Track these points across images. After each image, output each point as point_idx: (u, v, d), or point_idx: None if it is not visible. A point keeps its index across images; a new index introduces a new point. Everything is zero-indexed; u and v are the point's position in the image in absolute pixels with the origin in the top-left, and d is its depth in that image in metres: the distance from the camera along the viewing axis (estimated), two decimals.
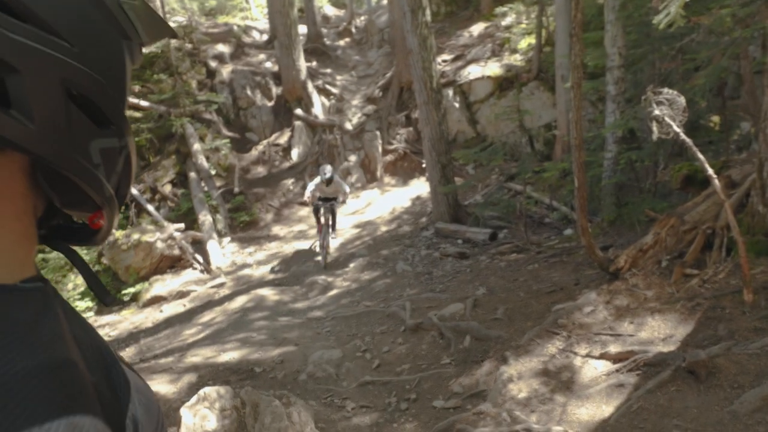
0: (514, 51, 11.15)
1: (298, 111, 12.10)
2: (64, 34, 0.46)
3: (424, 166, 10.29)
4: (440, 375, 4.23)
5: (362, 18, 16.39)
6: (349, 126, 12.05)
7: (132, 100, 10.82)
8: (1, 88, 0.43)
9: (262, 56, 13.51)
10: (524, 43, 11.05)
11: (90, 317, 7.68)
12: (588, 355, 3.84)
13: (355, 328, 5.46)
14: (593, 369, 3.72)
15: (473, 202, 9.05)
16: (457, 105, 11.11)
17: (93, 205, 0.54)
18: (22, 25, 0.43)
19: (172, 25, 12.33)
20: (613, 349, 3.79)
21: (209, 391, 3.30)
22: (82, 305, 7.75)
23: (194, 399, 3.23)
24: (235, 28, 14.21)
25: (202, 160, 10.31)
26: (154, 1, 12.39)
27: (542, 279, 5.53)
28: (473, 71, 11.14)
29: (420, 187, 10.58)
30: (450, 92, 11.08)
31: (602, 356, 3.77)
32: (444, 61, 11.85)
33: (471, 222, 8.25)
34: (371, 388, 4.22)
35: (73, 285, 8.21)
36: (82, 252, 8.03)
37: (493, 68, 10.98)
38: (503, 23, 11.95)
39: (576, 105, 4.58)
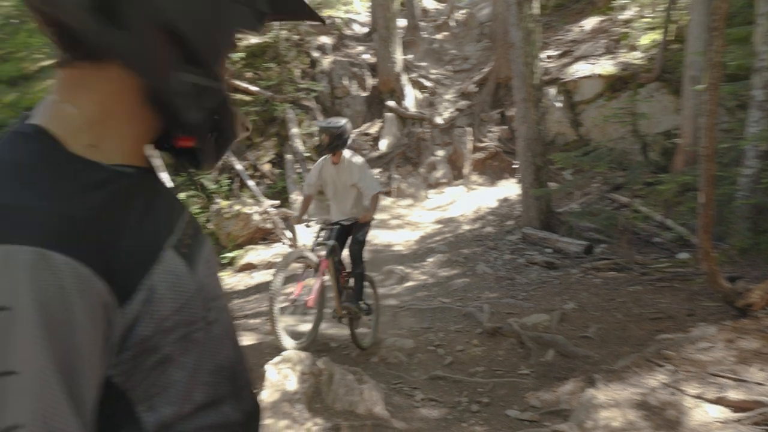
0: (633, 48, 10.21)
1: (390, 102, 11.92)
2: None
3: (515, 166, 9.71)
4: (516, 385, 3.90)
5: (462, 11, 15.92)
6: (439, 120, 11.69)
7: (244, 84, 11.60)
8: (115, 11, 0.57)
9: (360, 48, 13.54)
10: (646, 39, 10.07)
11: None
12: (699, 397, 3.23)
13: (430, 322, 5.28)
14: (705, 413, 3.12)
15: (568, 210, 8.36)
16: (559, 104, 10.38)
17: (186, 129, 0.69)
18: None
19: None
20: (734, 395, 3.16)
21: (292, 354, 3.53)
22: None
23: (278, 358, 3.45)
24: (338, 20, 14.43)
25: (298, 144, 10.73)
26: None
27: (646, 303, 4.90)
28: (581, 69, 10.35)
29: (509, 188, 10.00)
30: (552, 90, 10.37)
31: (719, 401, 3.15)
32: (548, 57, 11.13)
33: (564, 231, 7.60)
34: (442, 384, 4.04)
35: None
36: (194, 212, 8.58)
37: (605, 66, 10.13)
38: (621, 17, 11.00)
39: (711, 109, 3.94)
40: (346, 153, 4.31)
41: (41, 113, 0.62)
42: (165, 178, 3.59)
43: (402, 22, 14.13)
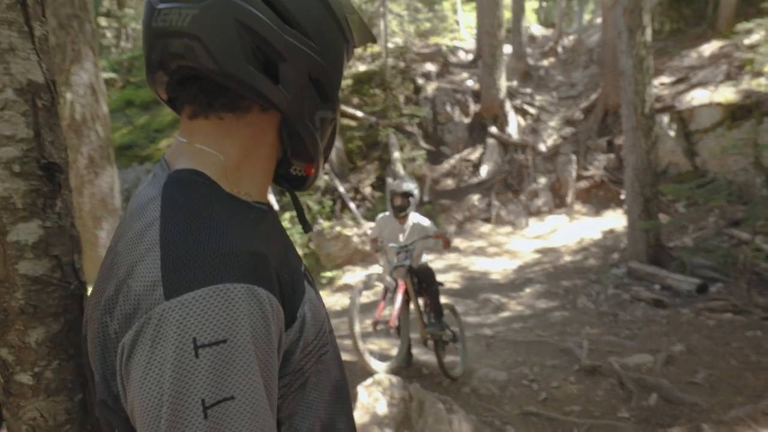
0: (758, 74, 9.52)
1: (493, 129, 11.98)
2: (313, 36, 0.69)
3: (622, 197, 9.36)
4: (614, 428, 3.76)
5: (570, 37, 15.64)
6: (542, 147, 11.54)
7: (350, 110, 12.19)
8: (274, 70, 0.67)
9: (465, 75, 13.76)
10: None
11: None
12: None
13: (524, 355, 5.19)
14: None
15: (680, 245, 7.90)
16: (672, 133, 9.88)
17: (308, 157, 0.76)
18: (291, 29, 0.67)
19: (390, 46, 13.53)
20: None
21: (383, 377, 3.57)
22: None
23: (369, 381, 3.52)
24: (444, 48, 14.79)
25: (399, 168, 11.08)
26: (379, 24, 13.45)
27: (765, 351, 4.56)
28: (698, 96, 9.80)
29: (615, 219, 9.62)
30: (665, 119, 9.90)
31: None
32: (662, 83, 10.66)
33: (674, 267, 7.19)
34: (534, 420, 3.97)
35: None
36: (299, 231, 8.95)
37: (725, 93, 9.52)
38: (746, 42, 10.30)
39: None
40: (413, 215, 4.47)
41: (185, 159, 0.69)
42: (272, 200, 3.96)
43: (508, 49, 14.19)
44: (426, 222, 4.51)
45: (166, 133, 13.42)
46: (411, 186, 4.36)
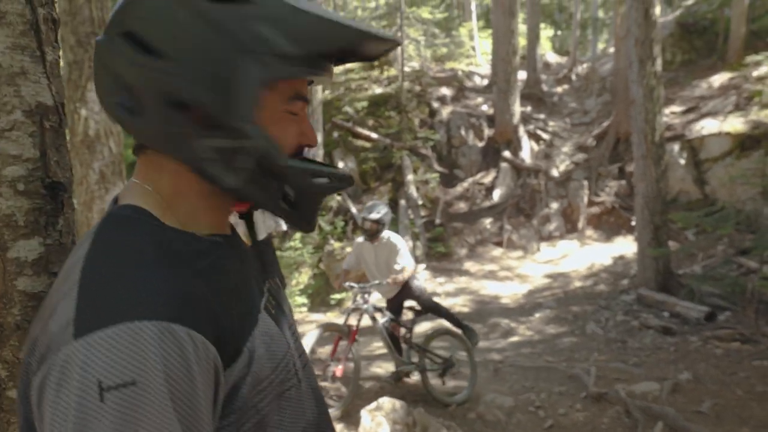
0: (766, 106, 9.67)
1: (506, 153, 12.18)
2: (174, 57, 0.61)
3: (633, 224, 9.47)
4: None
5: (584, 65, 15.87)
6: (555, 172, 11.70)
7: (365, 131, 12.43)
8: (132, 100, 0.63)
9: (479, 99, 14.01)
10: None
11: (302, 312, 8.65)
12: None
13: (532, 381, 5.24)
14: None
15: (689, 273, 7.99)
16: (682, 162, 10.01)
17: (236, 195, 0.69)
18: (143, 56, 0.62)
19: (407, 70, 13.68)
20: None
21: (387, 402, 3.56)
22: (299, 300, 8.79)
23: (373, 405, 3.52)
24: (459, 73, 15.07)
25: (412, 190, 11.19)
26: (396, 49, 13.73)
27: None
28: (708, 126, 9.95)
29: (625, 245, 9.72)
30: (675, 147, 10.04)
31: None
32: (672, 113, 10.82)
33: (683, 295, 7.27)
34: None
35: (296, 282, 9.36)
36: (309, 252, 8.97)
37: (734, 124, 9.67)
38: (755, 74, 10.46)
39: None
40: (386, 233, 4.66)
41: (130, 195, 0.69)
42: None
43: (522, 75, 14.42)
44: (397, 240, 4.66)
45: None
46: (381, 213, 4.54)
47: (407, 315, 5.02)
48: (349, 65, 14.27)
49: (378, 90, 13.70)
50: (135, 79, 0.63)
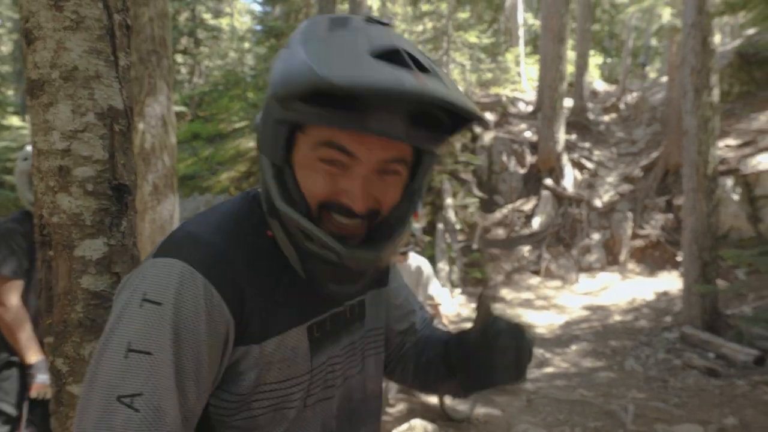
0: None
1: (548, 181, 11.96)
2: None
3: (678, 259, 9.09)
4: None
5: (634, 94, 15.53)
6: (598, 203, 11.40)
7: None
8: None
9: (523, 126, 13.88)
10: None
11: None
12: None
13: (567, 414, 5.07)
14: None
15: (738, 313, 7.56)
16: (735, 197, 9.58)
17: None
18: None
19: None
20: None
21: (419, 423, 3.61)
22: None
23: (405, 426, 3.58)
24: (504, 98, 15.00)
25: (450, 215, 11.14)
26: (443, 69, 13.82)
27: None
28: (764, 161, 9.51)
29: (670, 281, 9.31)
30: (729, 182, 9.63)
31: None
32: (727, 146, 10.40)
33: (731, 336, 6.88)
34: None
35: None
36: None
37: None
38: None
39: None
40: (413, 256, 4.48)
41: None
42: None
43: (568, 102, 14.24)
44: (426, 267, 4.47)
45: (227, 166, 14.03)
46: (415, 225, 4.35)
47: None
48: None
49: None
50: None
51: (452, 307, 9.28)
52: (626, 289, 9.43)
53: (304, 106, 0.64)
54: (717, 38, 7.59)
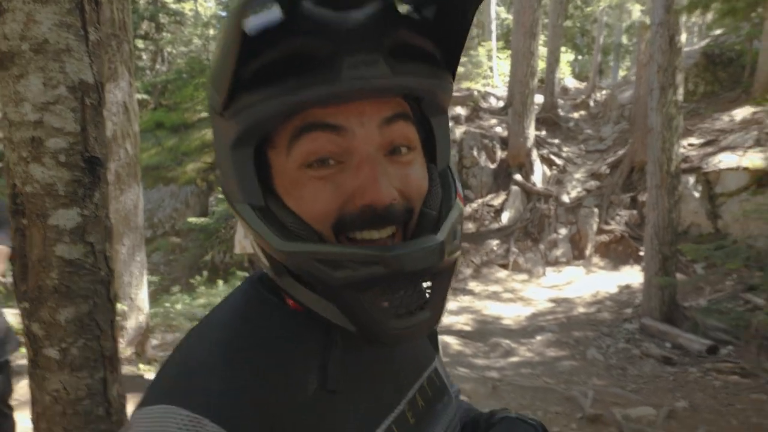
0: None
1: (517, 176, 12.18)
2: None
3: (641, 254, 9.39)
4: None
5: (603, 92, 15.90)
6: (566, 198, 11.67)
7: None
8: None
9: (494, 121, 14.06)
10: None
11: None
12: None
13: (530, 400, 5.25)
14: None
15: (695, 306, 7.89)
16: (696, 194, 9.94)
17: None
18: None
19: None
20: None
21: None
22: None
23: None
24: (476, 93, 15.12)
25: None
26: None
27: (767, 414, 4.57)
28: (726, 160, 9.88)
29: (632, 275, 9.63)
30: (691, 179, 9.98)
31: None
32: (690, 144, 10.77)
33: (687, 327, 7.18)
34: None
35: None
36: None
37: (753, 159, 9.59)
38: None
39: None
40: None
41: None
42: None
43: (539, 99, 14.45)
44: None
45: (193, 157, 13.77)
46: None
47: None
48: None
49: None
50: None
51: None
52: (590, 283, 9.71)
53: (250, 94, 0.47)
54: (683, 37, 7.77)
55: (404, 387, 0.61)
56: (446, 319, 8.59)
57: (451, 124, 12.01)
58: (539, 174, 12.27)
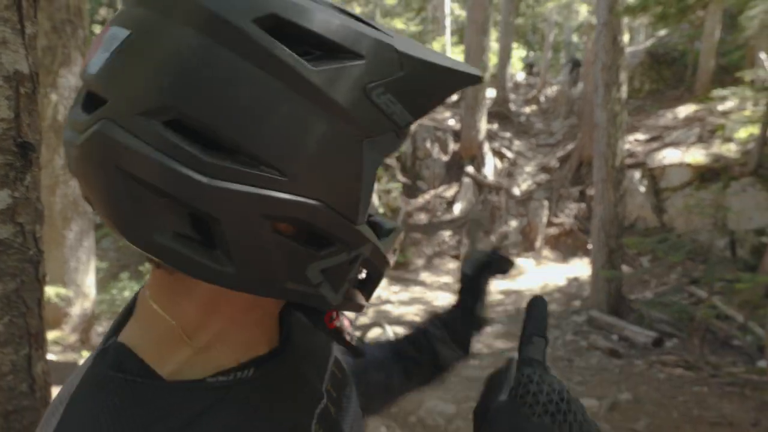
0: (728, 140, 9.84)
1: (469, 169, 12.14)
2: (274, 162, 0.40)
3: (590, 247, 9.47)
4: None
5: (554, 88, 16.11)
6: (516, 191, 11.71)
7: None
8: (205, 230, 0.42)
9: (447, 114, 14.02)
10: (744, 133, 9.68)
11: None
12: None
13: (476, 390, 5.07)
14: None
15: (640, 298, 7.98)
16: (642, 189, 10.11)
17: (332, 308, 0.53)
18: (218, 163, 0.39)
19: None
20: None
21: None
22: None
23: None
24: None
25: (374, 199, 10.93)
26: None
27: (708, 406, 4.57)
28: (669, 155, 10.08)
29: (580, 268, 9.72)
30: (636, 174, 10.14)
31: None
32: (636, 140, 10.96)
33: (633, 319, 7.24)
34: None
35: None
36: None
37: (695, 155, 9.81)
38: (720, 107, 10.68)
39: None
40: None
41: (137, 317, 0.53)
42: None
43: (491, 93, 14.52)
44: None
45: None
46: None
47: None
48: None
49: None
50: (209, 197, 0.40)
51: None
52: (540, 275, 9.74)
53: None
54: (626, 37, 7.94)
55: (321, 365, 0.63)
56: (397, 310, 8.44)
57: None
58: (491, 167, 12.29)
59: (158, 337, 0.49)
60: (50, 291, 4.67)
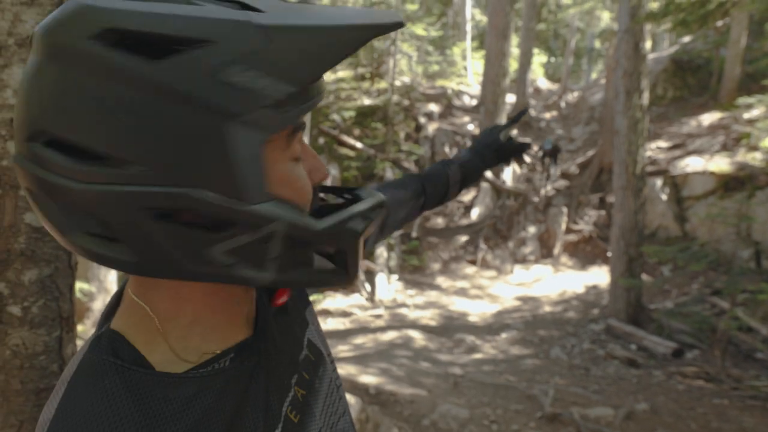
0: (754, 148, 9.65)
1: (488, 174, 12.08)
2: (138, 159, 0.43)
3: (609, 254, 9.35)
4: None
5: (575, 94, 15.96)
6: (535, 197, 11.61)
7: (350, 140, 12.34)
8: (101, 225, 0.47)
9: (466, 119, 14.00)
10: None
11: None
12: None
13: (490, 397, 5.12)
14: None
15: (660, 308, 7.85)
16: (664, 197, 9.95)
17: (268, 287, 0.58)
18: (89, 170, 0.44)
19: (397, 84, 13.52)
20: None
21: None
22: None
23: None
24: (449, 91, 15.12)
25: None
26: (388, 62, 13.75)
27: (729, 419, 4.47)
28: (693, 163, 9.92)
29: (599, 275, 9.59)
30: (658, 182, 9.99)
31: None
32: (658, 147, 10.81)
33: (652, 329, 7.12)
34: None
35: None
36: None
37: (719, 164, 9.63)
38: (745, 116, 10.48)
39: None
40: None
41: (124, 308, 0.55)
42: None
43: (511, 98, 14.46)
44: None
45: None
46: None
47: None
48: (340, 73, 14.25)
49: (367, 101, 13.63)
50: (92, 199, 0.45)
51: (389, 292, 9.23)
52: (558, 282, 9.64)
53: (316, 85, 0.51)
54: (648, 44, 7.85)
55: (293, 349, 0.65)
56: (412, 314, 8.43)
57: (424, 120, 11.97)
58: (509, 172, 12.23)
59: (144, 327, 0.53)
60: None
